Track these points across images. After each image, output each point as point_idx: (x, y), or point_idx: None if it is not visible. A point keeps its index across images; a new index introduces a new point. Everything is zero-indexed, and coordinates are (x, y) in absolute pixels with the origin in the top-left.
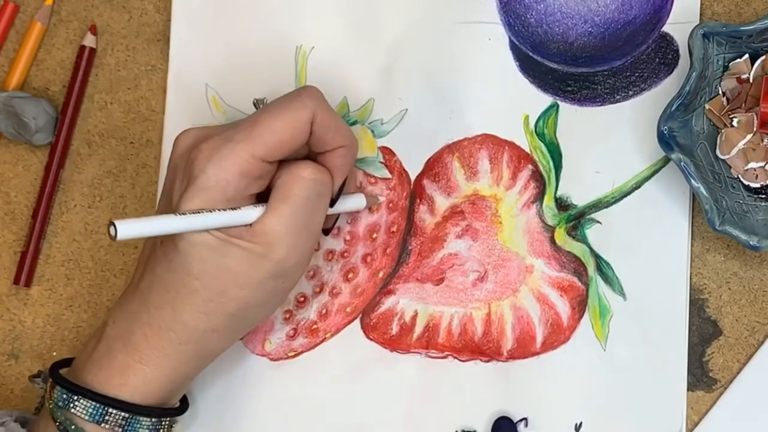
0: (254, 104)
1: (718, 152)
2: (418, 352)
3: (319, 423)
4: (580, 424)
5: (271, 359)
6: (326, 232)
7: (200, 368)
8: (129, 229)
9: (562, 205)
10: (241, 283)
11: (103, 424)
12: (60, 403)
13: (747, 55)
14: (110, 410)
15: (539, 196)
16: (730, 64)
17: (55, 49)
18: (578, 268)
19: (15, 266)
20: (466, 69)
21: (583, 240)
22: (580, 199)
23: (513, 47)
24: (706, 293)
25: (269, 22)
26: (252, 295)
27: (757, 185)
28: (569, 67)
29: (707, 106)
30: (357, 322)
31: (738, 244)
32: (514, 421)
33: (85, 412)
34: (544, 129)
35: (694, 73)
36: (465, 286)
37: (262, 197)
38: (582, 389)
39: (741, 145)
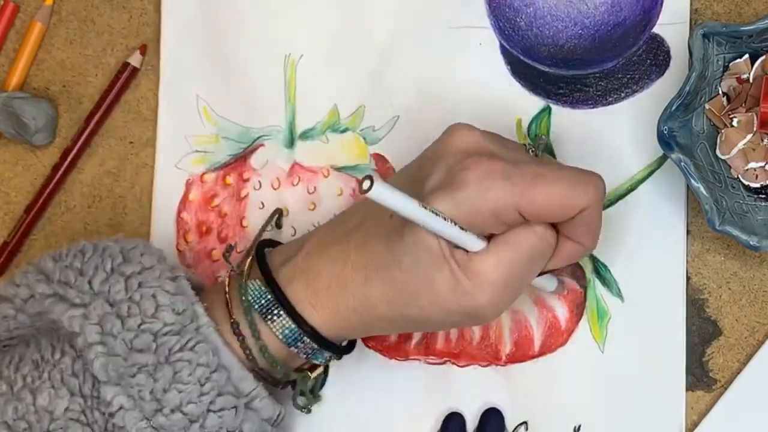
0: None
1: (718, 152)
2: (417, 359)
3: None
4: (579, 427)
5: None
6: None
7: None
8: (381, 193)
9: None
10: (434, 301)
11: (291, 348)
12: (256, 306)
13: (747, 55)
14: (305, 338)
15: None
16: (730, 64)
17: (55, 49)
18: (575, 271)
19: (14, 266)
20: (457, 74)
21: None
22: None
23: (504, 51)
24: (706, 293)
25: (258, 32)
26: (436, 314)
27: (757, 185)
28: (560, 70)
29: (707, 106)
30: None
31: (738, 244)
32: (504, 416)
33: (281, 331)
34: (537, 132)
35: (694, 73)
36: None
37: None
38: (581, 392)
39: (741, 145)
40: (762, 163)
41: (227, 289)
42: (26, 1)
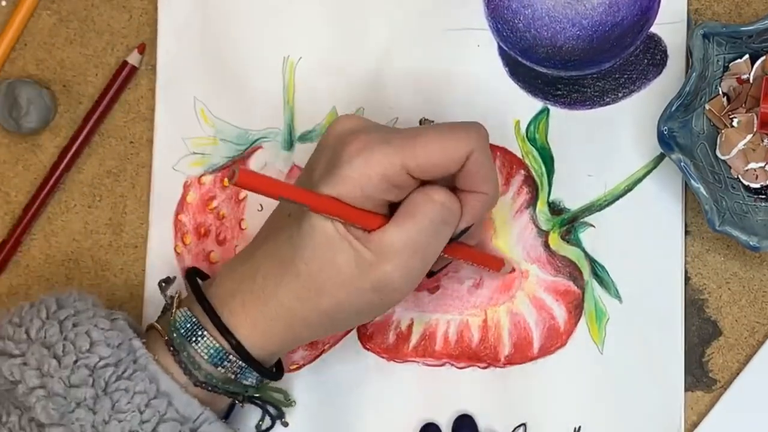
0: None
1: (718, 152)
2: (416, 361)
3: None
4: (579, 428)
5: None
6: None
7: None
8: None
9: (555, 209)
10: (341, 283)
11: (219, 368)
12: (182, 330)
13: (747, 56)
14: (230, 356)
15: (532, 201)
16: (730, 64)
17: (55, 48)
18: (573, 272)
19: (14, 265)
20: (455, 76)
21: (577, 244)
22: (572, 202)
23: (502, 53)
24: (706, 293)
25: (256, 34)
26: (348, 298)
27: (757, 186)
28: (558, 71)
29: (707, 107)
30: (354, 333)
31: (738, 244)
32: (474, 420)
33: (207, 351)
34: (536, 134)
35: (694, 74)
36: (461, 293)
37: (394, 209)
38: (580, 393)
39: (741, 145)
40: (762, 164)
41: (160, 322)
42: None
